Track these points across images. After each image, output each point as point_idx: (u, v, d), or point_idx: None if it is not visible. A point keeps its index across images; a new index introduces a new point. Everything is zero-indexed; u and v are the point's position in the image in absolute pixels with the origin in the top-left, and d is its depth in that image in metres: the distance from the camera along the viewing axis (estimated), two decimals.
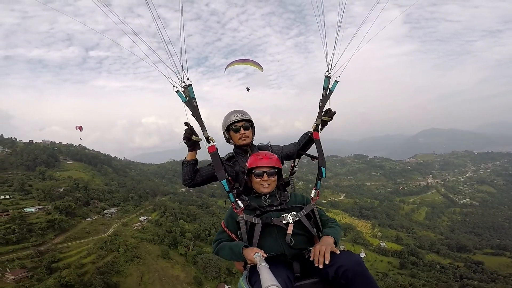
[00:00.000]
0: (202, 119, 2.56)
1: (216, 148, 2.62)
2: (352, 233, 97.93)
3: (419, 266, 75.38)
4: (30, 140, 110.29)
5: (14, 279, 41.86)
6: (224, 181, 2.48)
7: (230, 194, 2.49)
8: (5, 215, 55.38)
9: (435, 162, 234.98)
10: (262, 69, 14.72)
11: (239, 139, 3.08)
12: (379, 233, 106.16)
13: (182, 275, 55.81)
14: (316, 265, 2.01)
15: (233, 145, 3.25)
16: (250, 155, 3.04)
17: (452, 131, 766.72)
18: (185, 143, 2.71)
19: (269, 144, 3.38)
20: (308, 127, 3.02)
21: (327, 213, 2.78)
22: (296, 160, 3.19)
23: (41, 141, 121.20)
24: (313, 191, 2.68)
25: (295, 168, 3.17)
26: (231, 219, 2.55)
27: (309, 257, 2.10)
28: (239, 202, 2.48)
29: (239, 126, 3.05)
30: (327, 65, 2.76)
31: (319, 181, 2.74)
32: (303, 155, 3.26)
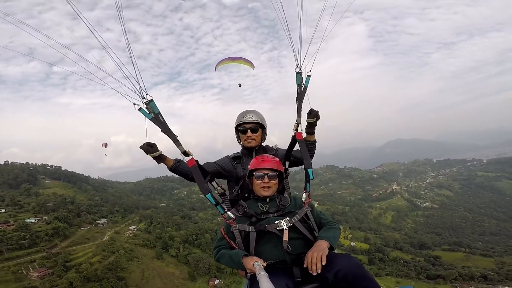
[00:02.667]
0: (174, 134, 2.52)
1: (196, 160, 2.56)
2: None
3: (385, 262, 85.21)
4: (5, 161, 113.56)
5: (38, 276, 49.69)
6: (208, 195, 2.42)
7: (219, 207, 2.50)
8: (8, 226, 62.06)
9: (400, 170, 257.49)
10: (253, 67, 15.06)
11: (245, 140, 3.20)
12: (350, 235, 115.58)
13: (177, 272, 64.60)
14: (310, 272, 2.08)
15: (241, 145, 3.35)
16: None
17: (414, 141, 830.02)
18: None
19: (275, 147, 3.39)
20: (283, 141, 3.14)
21: None
22: (287, 162, 3.10)
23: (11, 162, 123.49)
24: (304, 194, 2.68)
25: (287, 171, 3.09)
26: (229, 227, 2.54)
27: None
28: (229, 213, 2.49)
29: (246, 128, 3.15)
30: (296, 60, 2.76)
31: (307, 184, 2.73)
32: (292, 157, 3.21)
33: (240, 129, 3.19)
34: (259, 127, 3.21)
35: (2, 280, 46.57)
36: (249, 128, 3.15)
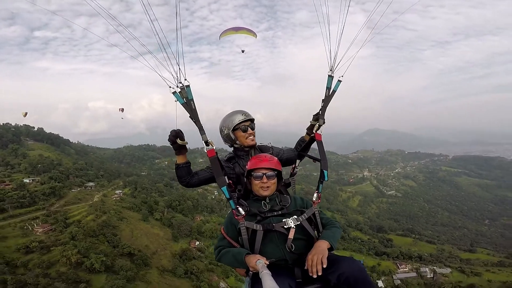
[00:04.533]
0: (201, 122, 2.56)
1: (216, 152, 2.63)
2: None
3: (345, 240, 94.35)
4: None
5: (42, 231, 57.07)
6: (224, 188, 2.54)
7: (231, 201, 2.58)
8: (6, 185, 68.38)
9: (373, 158, 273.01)
10: (256, 36, 15.37)
11: (247, 138, 3.19)
12: None
13: (162, 233, 73.88)
14: (311, 274, 2.18)
15: (232, 147, 3.37)
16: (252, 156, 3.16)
17: (392, 132, 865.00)
18: (171, 145, 2.77)
19: (270, 145, 3.48)
20: (269, 120, 4.71)
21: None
22: (298, 161, 3.29)
23: None
24: (315, 194, 2.78)
25: (296, 169, 3.30)
26: (231, 225, 2.67)
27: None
28: (240, 209, 2.57)
29: (246, 125, 3.17)
30: (329, 64, 2.85)
31: (321, 184, 2.83)
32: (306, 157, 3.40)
33: (242, 127, 3.16)
34: (254, 124, 3.28)
35: (11, 236, 53.47)
36: (248, 125, 3.18)
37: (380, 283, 66.86)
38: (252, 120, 3.23)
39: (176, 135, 2.66)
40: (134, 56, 2.32)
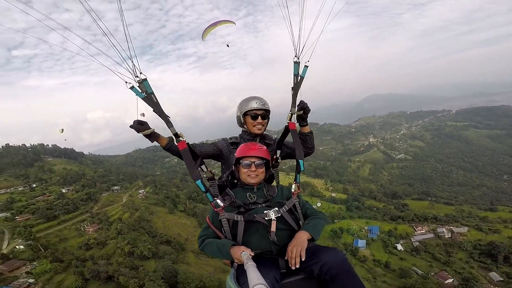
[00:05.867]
0: (167, 115, 2.57)
1: (187, 143, 2.64)
2: (309, 189, 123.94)
3: (361, 209, 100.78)
4: (6, 144, 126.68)
5: (93, 230, 68.33)
6: (198, 182, 2.50)
7: (208, 194, 2.58)
8: (47, 197, 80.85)
9: (376, 123, 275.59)
10: (235, 23, 16.25)
11: (254, 126, 3.26)
12: (331, 187, 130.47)
13: (188, 222, 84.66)
14: (290, 266, 2.26)
15: (243, 130, 3.45)
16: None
17: (390, 95, 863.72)
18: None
19: (274, 137, 3.55)
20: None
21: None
22: (278, 151, 3.24)
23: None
24: (293, 186, 2.82)
25: (279, 160, 3.23)
26: (216, 215, 2.66)
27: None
28: (218, 201, 2.58)
29: (258, 114, 3.21)
30: (294, 49, 2.83)
31: (298, 175, 2.85)
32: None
33: (251, 114, 3.23)
34: (268, 115, 3.33)
35: (70, 237, 64.58)
36: (260, 114, 3.23)
37: (399, 246, 72.60)
38: (266, 111, 3.29)
39: (137, 130, 2.57)
40: (79, 55, 2.34)
